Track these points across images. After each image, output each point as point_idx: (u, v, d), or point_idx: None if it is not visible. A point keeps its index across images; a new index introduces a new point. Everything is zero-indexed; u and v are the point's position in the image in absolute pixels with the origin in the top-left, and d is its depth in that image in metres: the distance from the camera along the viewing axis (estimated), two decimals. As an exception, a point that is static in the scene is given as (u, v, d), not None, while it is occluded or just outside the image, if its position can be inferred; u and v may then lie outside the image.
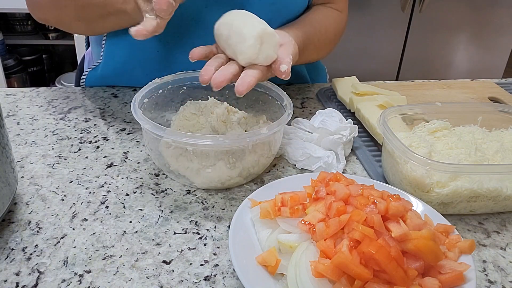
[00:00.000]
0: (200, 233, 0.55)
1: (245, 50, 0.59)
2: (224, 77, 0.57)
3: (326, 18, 0.85)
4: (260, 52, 0.60)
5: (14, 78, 2.41)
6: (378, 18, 1.86)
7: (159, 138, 0.58)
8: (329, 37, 0.85)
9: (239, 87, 0.56)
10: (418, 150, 0.60)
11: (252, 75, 0.58)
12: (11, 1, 2.09)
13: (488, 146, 0.63)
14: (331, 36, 0.86)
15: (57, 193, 0.61)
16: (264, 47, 0.60)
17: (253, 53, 0.59)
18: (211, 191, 0.62)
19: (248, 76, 0.58)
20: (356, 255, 0.42)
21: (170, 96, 0.70)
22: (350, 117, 0.74)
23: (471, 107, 0.71)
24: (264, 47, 0.60)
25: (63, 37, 2.43)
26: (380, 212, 0.45)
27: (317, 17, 0.83)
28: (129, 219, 0.57)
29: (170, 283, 0.49)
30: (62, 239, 0.53)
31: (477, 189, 0.56)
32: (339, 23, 0.88)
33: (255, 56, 0.60)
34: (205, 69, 0.59)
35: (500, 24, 1.94)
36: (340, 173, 0.54)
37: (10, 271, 0.49)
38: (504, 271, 0.52)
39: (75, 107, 0.82)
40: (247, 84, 0.57)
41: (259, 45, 0.60)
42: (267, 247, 0.49)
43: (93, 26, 0.77)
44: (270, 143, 0.63)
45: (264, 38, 0.60)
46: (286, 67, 0.61)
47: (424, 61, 2.00)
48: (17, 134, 0.73)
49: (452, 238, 0.49)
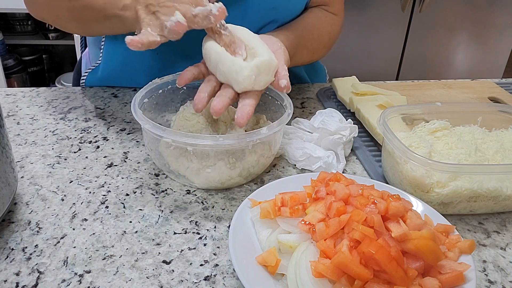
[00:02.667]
0: (200, 233, 0.55)
1: (241, 81, 0.57)
2: (222, 104, 0.57)
3: (320, 21, 0.84)
4: (256, 81, 0.58)
5: (14, 78, 2.41)
6: (378, 18, 1.86)
7: (159, 138, 0.58)
8: (323, 39, 0.85)
9: (239, 120, 0.56)
10: (418, 150, 0.60)
11: (249, 104, 0.57)
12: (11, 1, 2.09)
13: (488, 146, 0.63)
14: (324, 38, 0.85)
15: (57, 193, 0.61)
16: (261, 75, 0.58)
17: (250, 83, 0.58)
18: (211, 191, 0.62)
19: (246, 106, 0.57)
20: (356, 255, 0.42)
21: (170, 96, 0.70)
22: (350, 117, 0.74)
23: (471, 107, 0.71)
24: (261, 75, 0.58)
25: (63, 37, 2.43)
26: (380, 212, 0.45)
27: (310, 20, 0.82)
28: (129, 219, 0.57)
29: (170, 283, 0.49)
30: (62, 239, 0.53)
31: (477, 189, 0.56)
32: (333, 25, 0.87)
33: (251, 86, 0.58)
34: (199, 97, 0.58)
35: (500, 24, 1.94)
36: (340, 173, 0.54)
37: (10, 271, 0.49)
38: (504, 271, 0.52)
39: (75, 107, 0.82)
40: (246, 115, 0.56)
41: (256, 76, 0.58)
42: (267, 247, 0.49)
43: (88, 28, 0.77)
44: (270, 143, 0.63)
45: (261, 67, 0.58)
46: (286, 82, 0.61)
47: (424, 61, 2.00)
48: (17, 134, 0.73)
49: (452, 238, 0.49)
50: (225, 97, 0.58)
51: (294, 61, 0.75)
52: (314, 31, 0.81)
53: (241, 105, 0.58)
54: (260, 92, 0.60)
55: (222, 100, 0.57)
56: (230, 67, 0.58)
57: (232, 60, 0.58)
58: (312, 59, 0.88)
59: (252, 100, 0.58)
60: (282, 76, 0.61)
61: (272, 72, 0.60)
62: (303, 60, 0.83)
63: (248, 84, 0.58)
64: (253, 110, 0.58)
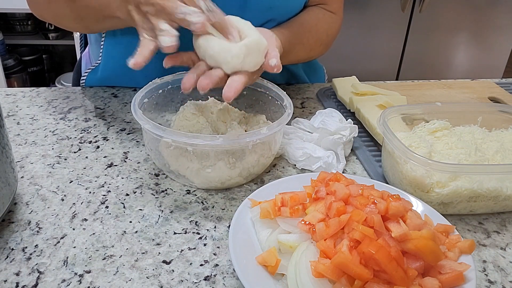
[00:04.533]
0: (200, 233, 0.55)
1: (230, 60, 0.57)
2: (210, 80, 0.56)
3: (317, 18, 0.84)
4: (246, 61, 0.58)
5: (14, 78, 2.41)
6: (378, 18, 1.86)
7: (159, 138, 0.58)
8: (321, 37, 0.84)
9: (226, 93, 0.55)
10: (418, 150, 0.60)
11: (238, 81, 0.57)
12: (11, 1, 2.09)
13: (488, 146, 0.63)
14: (322, 36, 0.85)
15: (57, 193, 0.61)
16: (251, 56, 0.58)
17: (238, 62, 0.57)
18: (211, 191, 0.62)
19: (235, 81, 0.57)
20: (356, 255, 0.42)
21: (170, 96, 0.70)
22: (350, 117, 0.74)
23: (471, 107, 0.71)
24: (251, 56, 0.58)
25: (63, 37, 2.43)
26: (380, 212, 0.45)
27: (308, 17, 0.82)
28: (129, 219, 0.57)
29: (170, 283, 0.49)
30: (62, 239, 0.53)
31: (477, 189, 0.56)
32: (331, 24, 0.86)
33: (240, 66, 0.58)
34: (187, 77, 0.57)
35: (500, 24, 1.94)
36: (340, 173, 0.54)
37: (10, 271, 0.49)
38: (504, 271, 0.52)
39: (75, 107, 0.82)
40: (234, 89, 0.55)
41: (245, 55, 0.57)
42: (267, 247, 0.49)
43: (89, 27, 0.77)
44: (270, 143, 0.63)
45: (251, 47, 0.58)
46: (276, 61, 0.60)
47: (424, 61, 2.00)
48: (17, 134, 0.73)
49: (452, 238, 0.49)
50: (213, 75, 0.57)
51: (290, 57, 0.75)
52: (311, 29, 0.81)
53: (230, 80, 0.57)
54: (251, 74, 0.59)
55: (209, 77, 0.57)
56: (219, 48, 0.57)
57: (220, 42, 0.58)
58: (310, 56, 0.88)
59: (242, 77, 0.57)
60: (272, 55, 0.60)
61: (262, 53, 0.60)
62: (299, 57, 0.83)
63: (236, 63, 0.57)
64: (242, 87, 0.57)
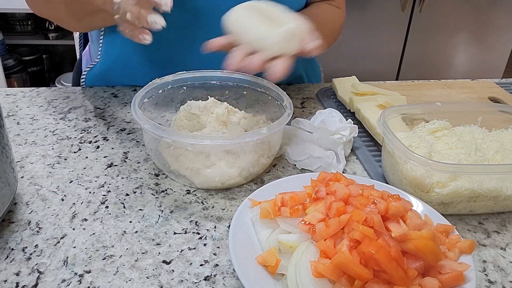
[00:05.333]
0: (200, 233, 0.55)
1: (269, 48, 0.57)
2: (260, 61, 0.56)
3: (325, 11, 0.88)
4: (286, 47, 0.58)
5: (14, 78, 2.41)
6: (378, 18, 1.86)
7: (159, 138, 0.58)
8: (335, 27, 0.90)
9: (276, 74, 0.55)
10: (418, 150, 0.60)
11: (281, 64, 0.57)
12: (11, 1, 2.09)
13: (488, 146, 0.63)
14: (336, 26, 0.90)
15: (57, 193, 0.61)
16: (291, 41, 0.59)
17: (279, 48, 0.58)
18: (211, 191, 0.62)
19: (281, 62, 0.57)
20: (356, 255, 0.42)
21: (170, 96, 0.70)
22: (350, 117, 0.74)
23: (471, 107, 0.71)
24: (291, 41, 0.59)
25: (63, 37, 2.43)
26: (380, 212, 0.45)
27: (316, 10, 0.86)
28: (129, 219, 0.57)
29: (170, 283, 0.49)
30: (62, 239, 0.53)
31: (477, 189, 0.56)
32: (338, 18, 0.91)
33: (281, 52, 0.58)
34: (233, 56, 0.57)
35: (500, 24, 1.94)
36: (340, 173, 0.54)
37: (10, 271, 0.49)
38: (504, 271, 0.52)
39: (75, 107, 0.82)
40: (282, 69, 0.56)
41: (285, 42, 0.58)
42: (267, 247, 0.48)
43: (84, 23, 0.77)
44: (270, 143, 0.63)
45: (289, 33, 0.59)
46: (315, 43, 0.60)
47: (424, 61, 2.00)
48: (17, 134, 0.73)
49: (452, 238, 0.49)
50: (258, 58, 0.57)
51: None
52: (320, 19, 0.83)
53: (275, 62, 0.57)
54: (292, 58, 0.59)
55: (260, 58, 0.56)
56: (257, 35, 0.58)
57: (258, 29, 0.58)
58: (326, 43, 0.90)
59: (286, 59, 0.58)
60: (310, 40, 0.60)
61: (300, 38, 0.60)
62: None
63: (277, 49, 0.58)
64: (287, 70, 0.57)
